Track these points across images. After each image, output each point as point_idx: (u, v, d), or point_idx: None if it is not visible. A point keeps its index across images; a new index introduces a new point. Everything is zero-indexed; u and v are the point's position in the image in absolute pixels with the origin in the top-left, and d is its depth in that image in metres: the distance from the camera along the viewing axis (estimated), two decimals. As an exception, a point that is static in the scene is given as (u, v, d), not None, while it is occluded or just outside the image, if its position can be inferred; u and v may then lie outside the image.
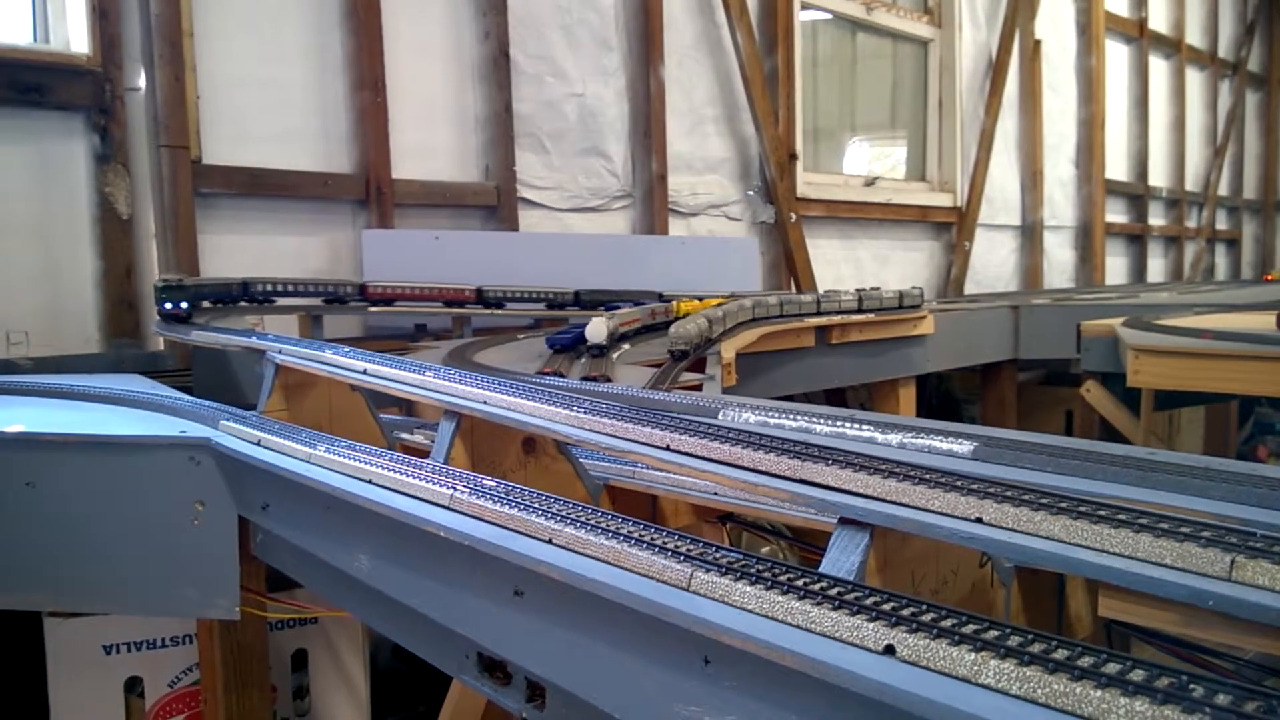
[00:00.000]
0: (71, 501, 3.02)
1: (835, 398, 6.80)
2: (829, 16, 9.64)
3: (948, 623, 1.38)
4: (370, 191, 5.83)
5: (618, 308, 4.89)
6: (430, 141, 6.24)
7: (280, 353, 3.33)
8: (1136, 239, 14.69)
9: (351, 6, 5.74)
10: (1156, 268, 15.31)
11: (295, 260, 5.59)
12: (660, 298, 5.94)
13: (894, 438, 2.31)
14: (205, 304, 4.50)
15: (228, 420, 3.08)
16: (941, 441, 2.23)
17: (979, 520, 1.61)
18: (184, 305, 4.28)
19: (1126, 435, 5.57)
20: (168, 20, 4.98)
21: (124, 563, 3.05)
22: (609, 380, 3.44)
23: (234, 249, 5.36)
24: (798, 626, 1.46)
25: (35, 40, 4.92)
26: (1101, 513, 1.56)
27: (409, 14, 6.06)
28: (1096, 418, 5.96)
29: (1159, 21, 14.96)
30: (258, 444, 2.86)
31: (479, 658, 2.13)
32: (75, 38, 4.91)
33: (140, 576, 3.07)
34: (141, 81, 5.04)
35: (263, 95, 5.49)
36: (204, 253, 5.17)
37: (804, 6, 8.96)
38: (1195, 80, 16.31)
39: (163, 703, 4.08)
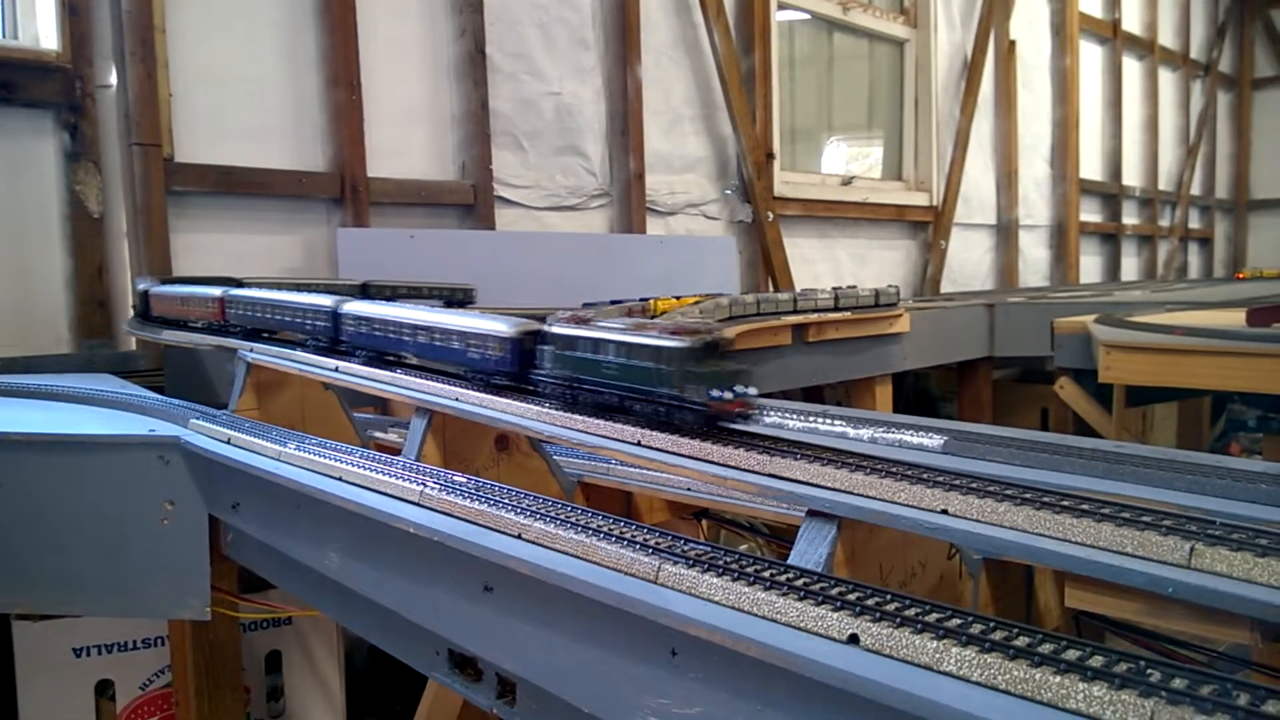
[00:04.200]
0: (39, 501, 2.99)
1: (813, 395, 6.82)
2: (806, 17, 9.67)
3: (911, 612, 1.39)
4: (345, 189, 5.80)
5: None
6: (406, 139, 6.21)
7: (252, 351, 3.32)
8: (1110, 238, 14.82)
9: (325, 3, 5.71)
10: (1130, 266, 15.45)
11: (269, 259, 5.55)
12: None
13: (865, 433, 2.33)
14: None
15: (198, 419, 3.07)
16: (912, 436, 2.25)
17: (945, 512, 1.62)
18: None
19: (1100, 431, 5.61)
20: (139, 16, 4.94)
21: (93, 563, 3.02)
22: (583, 377, 3.43)
23: (207, 247, 5.31)
24: (764, 617, 1.47)
25: (3, 36, 4.87)
26: (1065, 503, 1.58)
27: (384, 11, 6.04)
28: (1070, 414, 6.00)
29: (1132, 23, 15.10)
30: (228, 442, 2.84)
31: (450, 654, 2.13)
32: (45, 34, 4.86)
33: (109, 577, 3.04)
34: (113, 79, 4.99)
35: (236, 93, 5.45)
36: (176, 251, 5.12)
37: (781, 6, 8.99)
38: (1168, 81, 16.47)
39: (134, 705, 4.05)
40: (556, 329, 2.33)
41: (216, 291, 3.67)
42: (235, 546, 3.01)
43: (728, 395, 2.01)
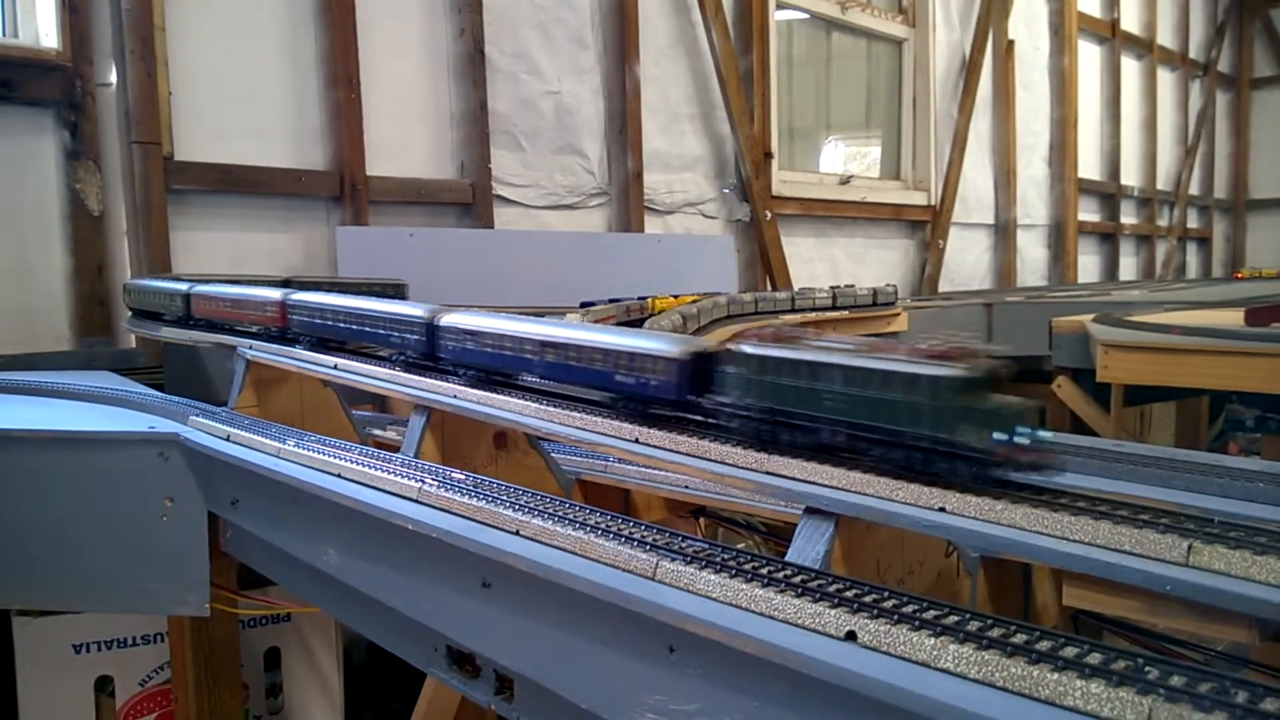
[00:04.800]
0: (38, 498, 3.00)
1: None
2: (804, 16, 9.67)
3: (909, 609, 1.40)
4: (345, 188, 5.80)
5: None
6: (405, 138, 6.21)
7: (251, 348, 3.32)
8: (1109, 237, 14.83)
9: (325, 2, 5.71)
10: (1128, 266, 15.45)
11: (269, 257, 5.55)
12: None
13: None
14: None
15: (197, 416, 3.07)
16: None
17: (942, 509, 1.62)
18: None
19: (1097, 431, 5.61)
20: (139, 15, 4.94)
21: (92, 560, 3.02)
22: (582, 376, 3.43)
23: (206, 246, 5.31)
24: (761, 614, 1.47)
25: (4, 34, 4.87)
26: (1062, 501, 1.58)
27: (383, 10, 6.03)
28: (1068, 413, 6.01)
29: (1131, 22, 15.10)
30: (227, 439, 2.84)
31: (448, 650, 2.14)
32: (45, 32, 4.86)
33: (109, 574, 3.05)
34: (113, 77, 4.99)
35: (236, 91, 5.45)
36: (176, 250, 5.12)
37: (779, 6, 8.99)
38: (1167, 80, 16.47)
39: (133, 702, 4.05)
40: (750, 349, 1.91)
41: (275, 294, 3.34)
42: (234, 543, 3.01)
43: (1020, 440, 1.58)
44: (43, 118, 4.83)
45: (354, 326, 3.00)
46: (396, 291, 5.01)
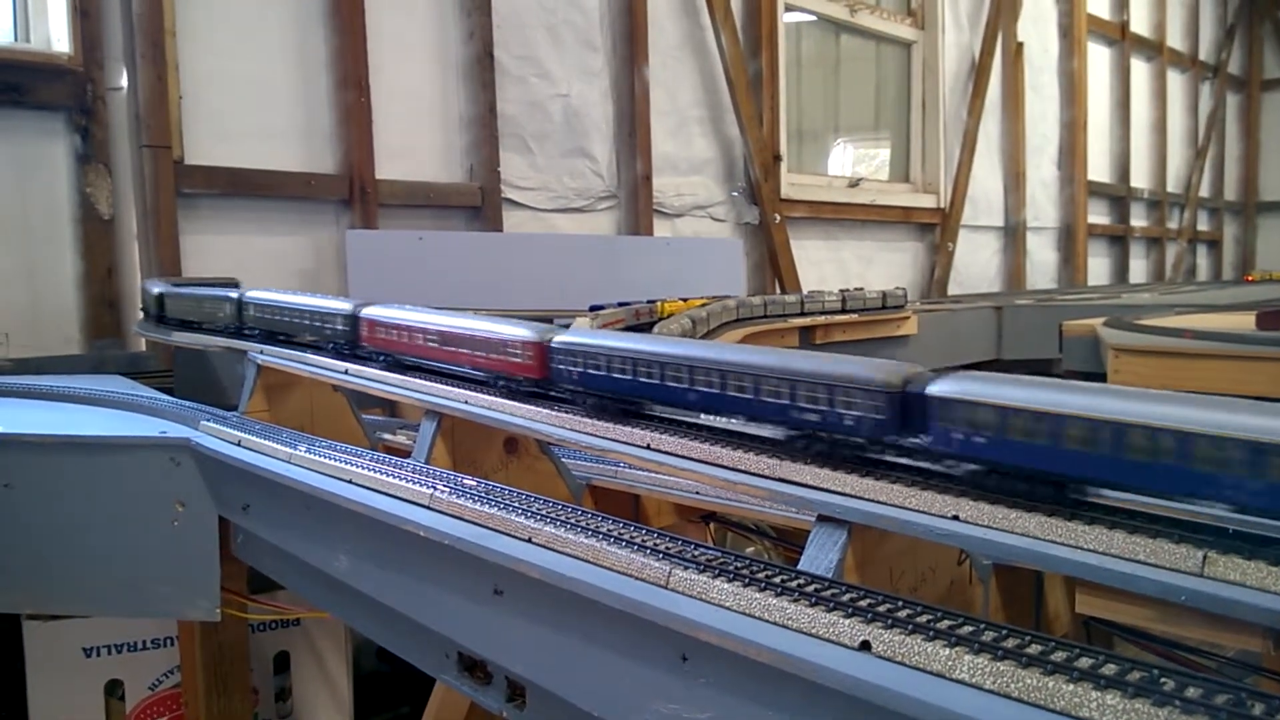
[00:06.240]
0: (50, 502, 3.00)
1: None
2: (813, 18, 9.66)
3: (923, 619, 1.39)
4: (354, 191, 5.82)
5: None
6: (414, 142, 6.23)
7: (262, 353, 3.32)
8: (1118, 240, 14.79)
9: (335, 5, 5.73)
10: (1138, 268, 15.41)
11: (278, 261, 5.57)
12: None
13: (874, 436, 2.31)
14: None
15: (208, 421, 3.07)
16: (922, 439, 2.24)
17: (956, 518, 1.61)
18: None
19: (1108, 435, 5.57)
20: (150, 19, 4.96)
21: (103, 564, 3.03)
22: (592, 380, 3.42)
23: (216, 249, 5.33)
24: (775, 623, 1.47)
25: (15, 39, 4.89)
26: (1076, 509, 1.57)
27: (392, 13, 6.05)
28: (1078, 418, 5.96)
29: (1141, 24, 15.06)
30: (238, 444, 2.85)
31: (459, 657, 2.13)
32: (56, 37, 4.89)
33: (120, 578, 3.05)
34: (123, 81, 5.01)
35: (245, 95, 5.47)
36: (186, 253, 5.14)
37: (788, 8, 8.99)
38: (1176, 82, 16.42)
39: (143, 705, 4.06)
40: None
41: (528, 333, 2.42)
42: (245, 548, 3.02)
43: None
44: (54, 122, 4.85)
45: (715, 390, 1.99)
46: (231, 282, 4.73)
